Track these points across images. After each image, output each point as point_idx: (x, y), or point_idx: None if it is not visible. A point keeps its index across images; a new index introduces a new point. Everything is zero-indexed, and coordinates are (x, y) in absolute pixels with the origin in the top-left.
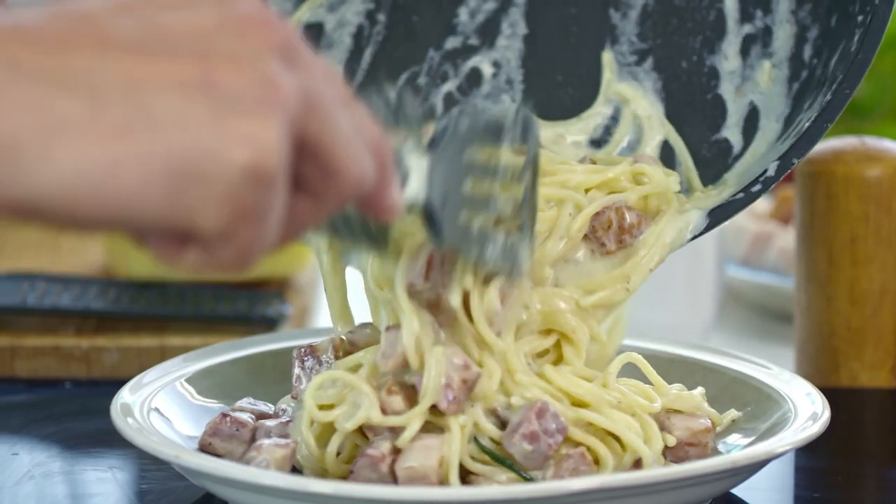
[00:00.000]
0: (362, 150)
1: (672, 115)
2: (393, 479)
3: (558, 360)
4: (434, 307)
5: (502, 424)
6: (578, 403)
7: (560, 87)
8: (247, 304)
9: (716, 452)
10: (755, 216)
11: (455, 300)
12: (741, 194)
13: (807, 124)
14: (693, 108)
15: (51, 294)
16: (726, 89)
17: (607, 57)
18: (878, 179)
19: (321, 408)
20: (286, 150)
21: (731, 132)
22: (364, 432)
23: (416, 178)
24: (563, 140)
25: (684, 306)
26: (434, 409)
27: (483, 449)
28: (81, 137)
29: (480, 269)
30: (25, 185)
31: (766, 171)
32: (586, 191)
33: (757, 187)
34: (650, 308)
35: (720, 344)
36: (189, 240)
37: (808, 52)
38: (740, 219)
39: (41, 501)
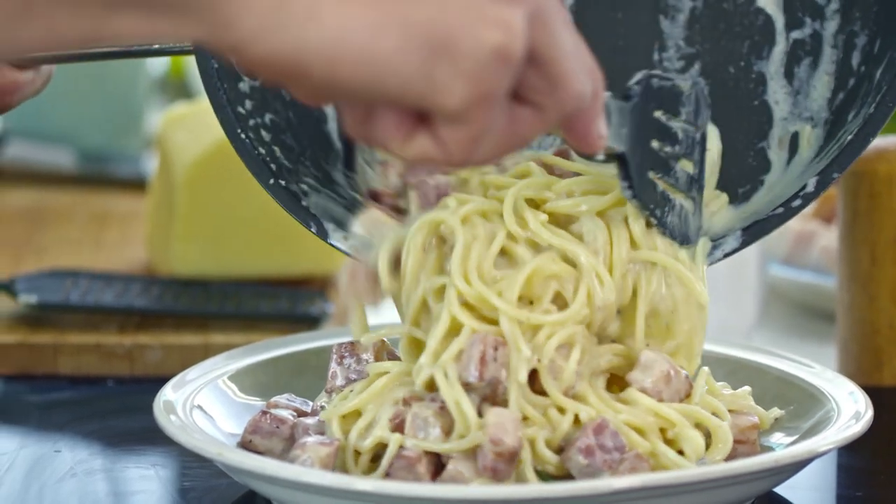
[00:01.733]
0: (583, 69)
1: (718, 121)
2: (430, 477)
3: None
4: (490, 398)
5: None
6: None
7: (609, 90)
8: (289, 303)
9: (765, 449)
10: (798, 215)
11: (522, 377)
12: (781, 209)
13: (849, 137)
14: (740, 114)
15: (94, 291)
16: (772, 96)
17: None
18: None
19: (343, 418)
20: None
21: (773, 149)
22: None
23: (615, 125)
24: None
25: (727, 306)
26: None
27: (540, 474)
28: (348, 1)
29: (658, 230)
30: (290, 41)
31: (805, 186)
32: None
33: (797, 202)
34: None
35: (763, 343)
36: (423, 123)
37: (856, 59)
38: None
39: (83, 499)
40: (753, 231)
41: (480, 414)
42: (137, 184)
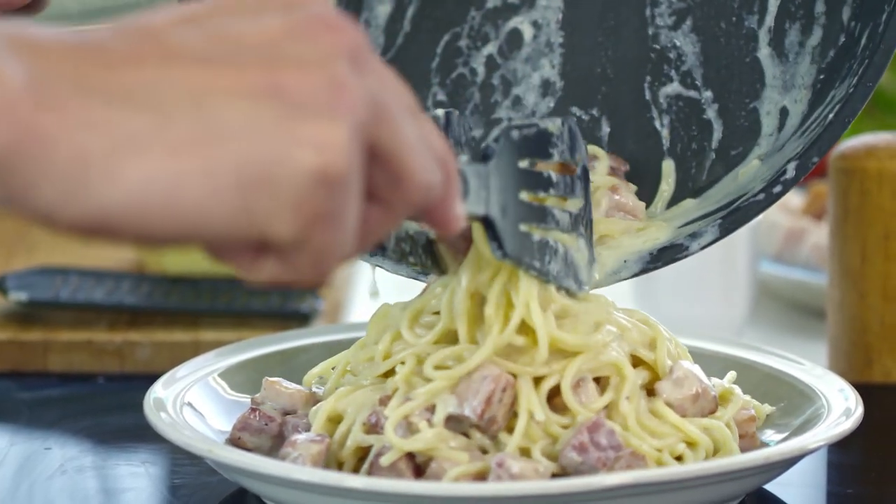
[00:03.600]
0: (429, 158)
1: (710, 80)
2: (414, 475)
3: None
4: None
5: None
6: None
7: (600, 48)
8: (280, 299)
9: (762, 444)
10: (788, 212)
11: (539, 416)
12: (761, 195)
13: (830, 116)
14: (731, 72)
15: (84, 288)
16: (763, 54)
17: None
18: None
19: (330, 419)
20: (357, 153)
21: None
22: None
23: (474, 191)
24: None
25: (718, 302)
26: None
27: None
28: (148, 152)
29: (543, 284)
30: (95, 203)
31: (785, 171)
32: None
33: (777, 188)
34: (684, 304)
35: (753, 340)
36: (265, 250)
37: (839, 30)
38: (773, 215)
39: (74, 496)
40: (733, 220)
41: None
42: None
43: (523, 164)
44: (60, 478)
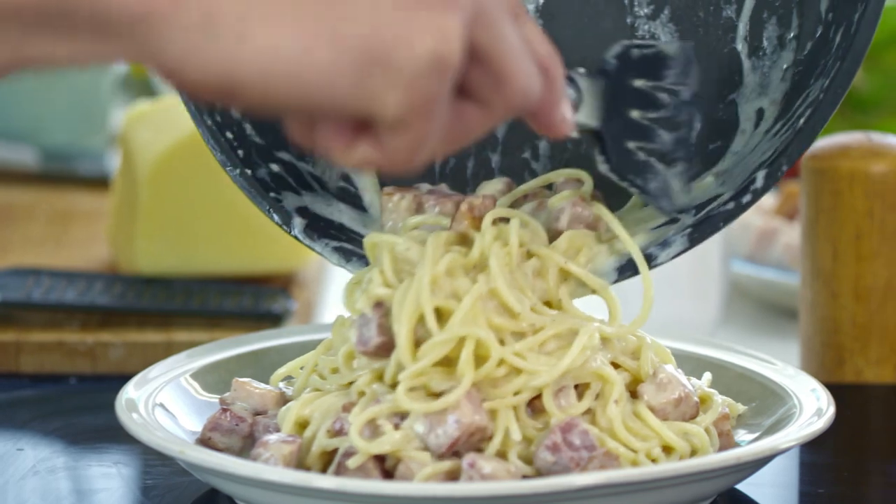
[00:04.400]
0: (529, 63)
1: None
2: (382, 477)
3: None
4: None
5: None
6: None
7: (579, 37)
8: (252, 300)
9: (736, 444)
10: (760, 212)
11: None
12: (731, 204)
13: (801, 122)
14: (710, 62)
15: (56, 289)
16: (742, 45)
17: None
18: (884, 175)
19: (298, 423)
20: (464, 42)
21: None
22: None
23: (588, 102)
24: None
25: (690, 302)
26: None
27: None
28: (278, 20)
29: (642, 201)
30: (223, 61)
31: (754, 179)
32: None
33: (747, 198)
34: (656, 304)
35: (725, 339)
36: (364, 130)
37: (814, 25)
38: (745, 214)
39: (45, 497)
40: (702, 229)
41: None
42: (101, 182)
43: (639, 82)
44: (32, 478)
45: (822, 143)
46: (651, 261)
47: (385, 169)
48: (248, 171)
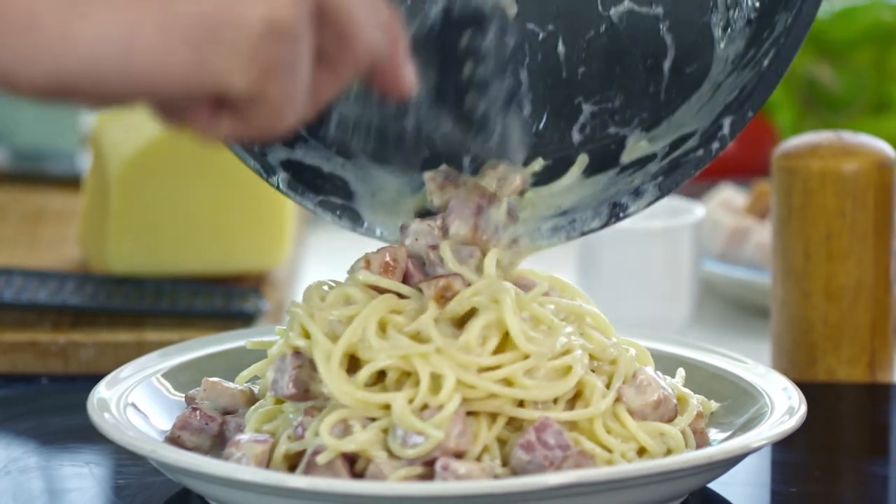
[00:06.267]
0: (374, 21)
1: None
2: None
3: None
4: None
5: None
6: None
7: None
8: (223, 300)
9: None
10: (732, 211)
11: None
12: (700, 151)
13: (765, 62)
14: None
15: (27, 289)
16: None
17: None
18: (855, 174)
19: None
20: (305, 8)
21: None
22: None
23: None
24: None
25: (661, 301)
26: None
27: None
28: (98, 9)
29: (480, 156)
30: (51, 65)
31: (721, 126)
32: None
33: (715, 144)
34: (627, 302)
35: (697, 338)
36: (222, 106)
37: None
38: (717, 214)
39: (17, 497)
40: (673, 177)
41: None
42: (72, 181)
43: (464, 38)
44: (4, 478)
45: (794, 142)
46: (623, 210)
47: (253, 138)
48: None
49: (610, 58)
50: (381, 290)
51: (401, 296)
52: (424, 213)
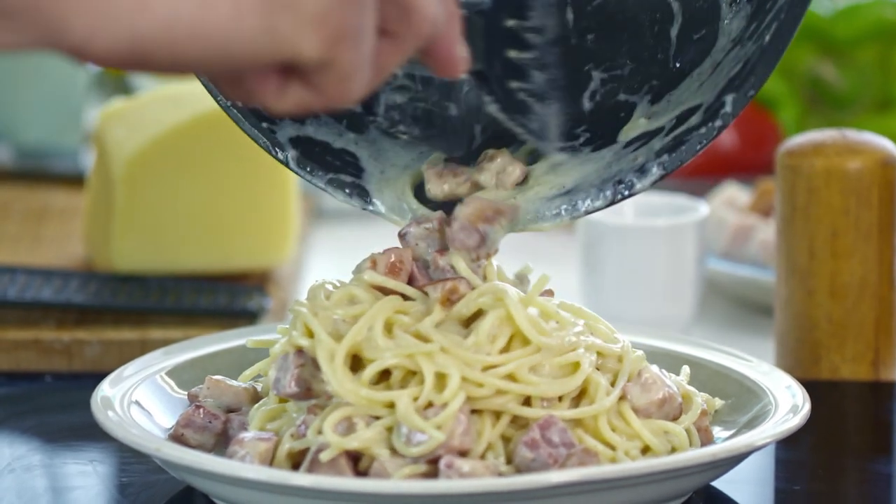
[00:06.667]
0: None
1: None
2: (354, 474)
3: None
4: None
5: None
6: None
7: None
8: (227, 298)
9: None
10: (736, 209)
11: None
12: (703, 128)
13: (767, 37)
14: None
15: (31, 287)
16: None
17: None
18: (859, 172)
19: (263, 423)
20: None
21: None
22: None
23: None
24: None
25: (665, 299)
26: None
27: None
28: None
29: (521, 139)
30: (126, 34)
31: (723, 104)
32: None
33: (718, 122)
34: (631, 301)
35: (701, 337)
36: (291, 73)
37: None
38: (721, 212)
39: (21, 494)
40: (677, 155)
41: None
42: (76, 179)
43: (510, 22)
44: (8, 476)
45: (798, 140)
46: (630, 189)
47: (323, 108)
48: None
49: (617, 24)
50: (385, 292)
51: (405, 297)
52: (421, 205)
